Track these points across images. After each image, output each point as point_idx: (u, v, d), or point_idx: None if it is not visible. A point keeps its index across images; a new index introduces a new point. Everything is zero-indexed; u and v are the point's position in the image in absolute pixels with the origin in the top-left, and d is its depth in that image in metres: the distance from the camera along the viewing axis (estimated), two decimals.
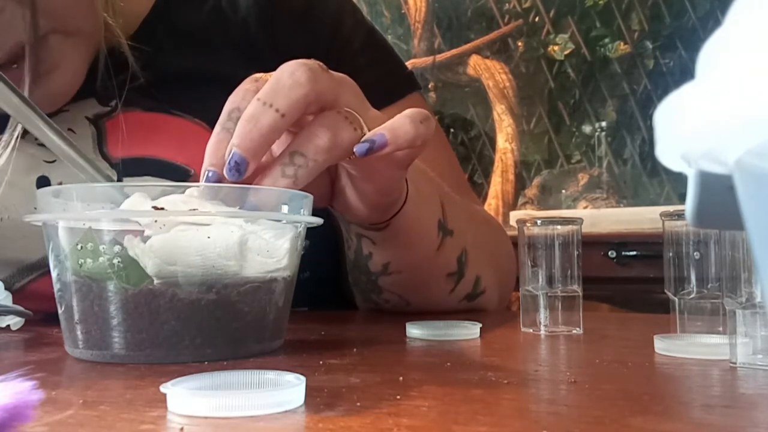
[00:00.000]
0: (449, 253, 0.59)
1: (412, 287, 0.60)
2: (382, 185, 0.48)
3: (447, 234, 0.58)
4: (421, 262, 0.58)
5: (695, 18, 2.09)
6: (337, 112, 0.43)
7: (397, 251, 0.56)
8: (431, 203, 0.57)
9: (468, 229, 0.63)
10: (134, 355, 0.38)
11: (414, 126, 0.43)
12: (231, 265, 0.39)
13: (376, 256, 0.57)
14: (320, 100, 0.42)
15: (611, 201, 2.14)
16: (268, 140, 0.40)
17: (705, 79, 0.15)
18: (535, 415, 0.27)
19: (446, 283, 0.61)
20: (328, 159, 0.42)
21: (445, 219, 0.58)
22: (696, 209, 0.17)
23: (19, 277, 0.62)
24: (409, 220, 0.53)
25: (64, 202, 0.40)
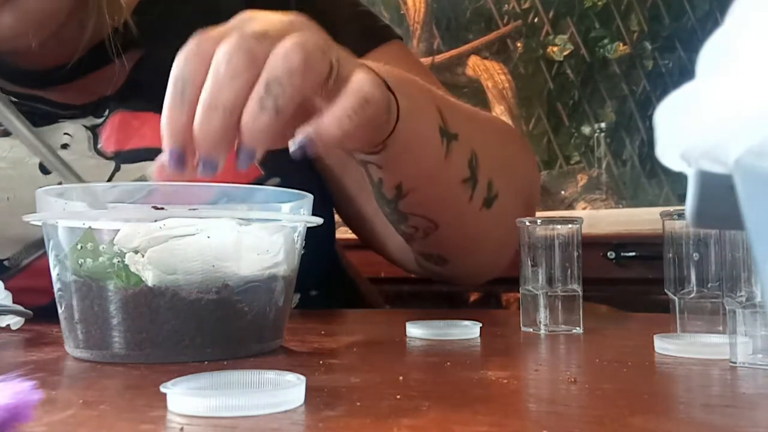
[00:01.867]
0: (458, 159, 0.58)
1: (431, 203, 0.59)
2: (362, 143, 0.48)
3: (451, 139, 0.56)
4: (431, 174, 0.56)
5: (694, 19, 2.10)
6: (301, 34, 0.41)
7: (404, 169, 0.55)
8: (427, 112, 0.55)
9: (473, 130, 0.61)
10: (134, 355, 0.38)
11: (339, 127, 0.41)
12: (228, 266, 0.39)
13: (386, 180, 0.56)
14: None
15: (610, 202, 2.14)
16: (226, 136, 0.39)
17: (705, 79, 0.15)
18: (535, 415, 0.27)
19: (463, 191, 0.59)
20: (304, 81, 0.40)
21: (446, 124, 0.56)
22: (696, 209, 0.17)
23: (26, 254, 0.63)
24: (406, 135, 0.51)
25: (64, 202, 0.40)
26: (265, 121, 0.39)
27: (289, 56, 0.39)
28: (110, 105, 0.65)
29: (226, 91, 0.39)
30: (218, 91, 0.39)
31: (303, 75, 0.39)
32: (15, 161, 0.63)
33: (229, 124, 0.39)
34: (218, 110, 0.39)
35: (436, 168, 0.56)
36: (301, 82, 0.39)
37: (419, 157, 0.55)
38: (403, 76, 0.54)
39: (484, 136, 0.63)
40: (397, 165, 0.54)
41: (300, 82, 0.39)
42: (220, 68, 0.39)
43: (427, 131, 0.55)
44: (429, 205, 0.59)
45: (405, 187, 0.56)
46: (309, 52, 0.40)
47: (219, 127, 0.39)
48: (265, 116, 0.39)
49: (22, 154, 0.63)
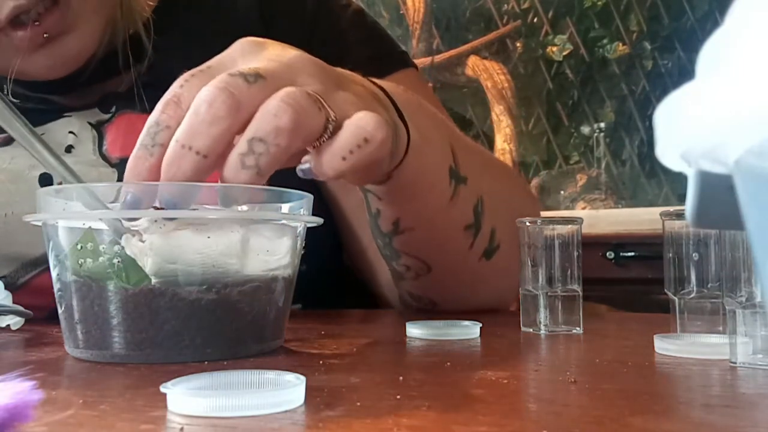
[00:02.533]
0: (464, 204, 0.55)
1: (428, 246, 0.56)
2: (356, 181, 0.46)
3: (460, 182, 0.54)
4: (433, 216, 0.54)
5: (694, 19, 2.10)
6: (297, 88, 0.38)
7: (405, 205, 0.52)
8: (440, 149, 0.53)
9: (483, 176, 0.58)
10: (134, 355, 0.38)
11: (331, 167, 0.39)
12: (233, 263, 0.39)
13: (384, 213, 0.53)
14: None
15: (609, 202, 2.14)
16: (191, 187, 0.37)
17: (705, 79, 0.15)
18: (535, 415, 0.27)
19: (465, 238, 0.57)
20: (292, 143, 0.37)
21: (457, 165, 0.53)
22: (696, 209, 0.17)
23: (23, 272, 0.62)
24: (413, 171, 0.49)
25: (64, 202, 0.40)
26: (245, 179, 0.37)
27: (279, 114, 0.37)
28: (118, 102, 0.65)
29: (202, 135, 0.36)
30: (194, 134, 0.36)
31: (291, 135, 0.37)
32: (15, 174, 0.62)
33: (201, 168, 0.37)
34: (191, 152, 0.36)
35: (439, 210, 0.54)
36: (287, 143, 0.37)
37: (423, 196, 0.52)
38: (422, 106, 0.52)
39: (493, 182, 0.60)
40: (398, 200, 0.52)
41: (287, 142, 0.37)
42: (200, 110, 0.37)
43: (436, 170, 0.52)
44: (425, 247, 0.57)
45: (402, 225, 0.54)
46: (302, 108, 0.37)
47: (189, 171, 0.36)
48: (245, 175, 0.37)
49: (22, 166, 0.62)
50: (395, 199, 0.52)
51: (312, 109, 0.38)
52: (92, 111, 0.65)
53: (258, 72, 0.38)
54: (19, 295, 0.56)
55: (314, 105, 0.38)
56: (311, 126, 0.38)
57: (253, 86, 0.37)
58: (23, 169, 0.62)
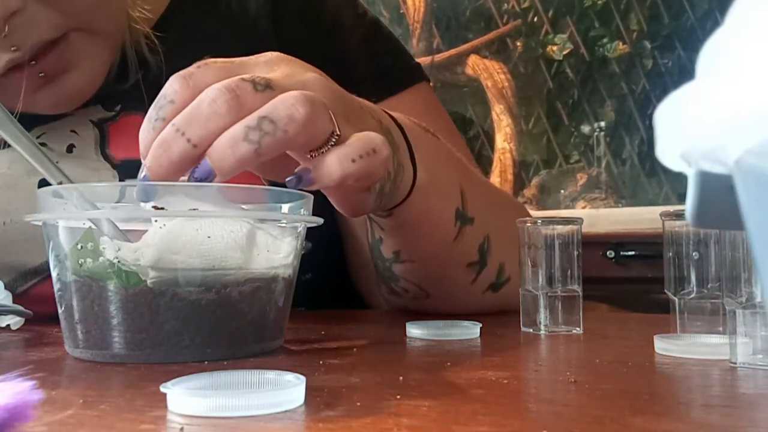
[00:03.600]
0: (469, 243, 0.56)
1: (428, 278, 0.57)
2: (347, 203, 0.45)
3: (466, 223, 0.54)
4: (435, 253, 0.54)
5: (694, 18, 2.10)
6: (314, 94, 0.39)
7: (407, 240, 0.53)
8: (448, 191, 0.53)
9: (491, 214, 0.59)
10: (134, 355, 0.38)
11: (341, 166, 0.39)
12: (237, 257, 0.39)
13: (386, 241, 0.54)
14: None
15: (610, 201, 2.14)
16: (179, 168, 0.37)
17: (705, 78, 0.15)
18: (535, 415, 0.27)
19: (467, 274, 0.57)
20: (299, 135, 0.37)
21: (465, 207, 0.54)
22: (696, 209, 0.17)
23: (22, 281, 0.62)
24: (417, 210, 0.50)
25: (64, 202, 0.40)
26: (241, 152, 0.37)
27: (297, 105, 0.37)
28: (123, 101, 0.64)
29: (198, 125, 0.37)
30: (190, 122, 0.37)
31: (301, 128, 0.37)
32: (13, 179, 0.62)
33: (187, 156, 0.37)
34: (182, 139, 0.37)
35: (441, 248, 0.54)
36: (295, 133, 0.37)
37: (425, 235, 0.53)
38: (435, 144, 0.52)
39: (501, 218, 0.60)
40: (400, 234, 0.53)
41: (295, 132, 0.37)
42: (202, 103, 0.37)
43: (441, 212, 0.53)
44: (425, 278, 0.57)
45: (403, 256, 0.54)
46: (317, 109, 0.38)
47: (176, 155, 0.37)
48: (243, 147, 0.36)
49: (20, 172, 0.61)
50: (397, 233, 0.53)
51: (325, 115, 0.39)
52: (95, 107, 0.64)
53: (269, 82, 0.39)
54: (18, 303, 0.56)
55: (327, 113, 0.39)
56: (320, 128, 0.39)
57: (260, 94, 0.38)
58: (21, 175, 0.61)
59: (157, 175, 0.37)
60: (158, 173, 0.37)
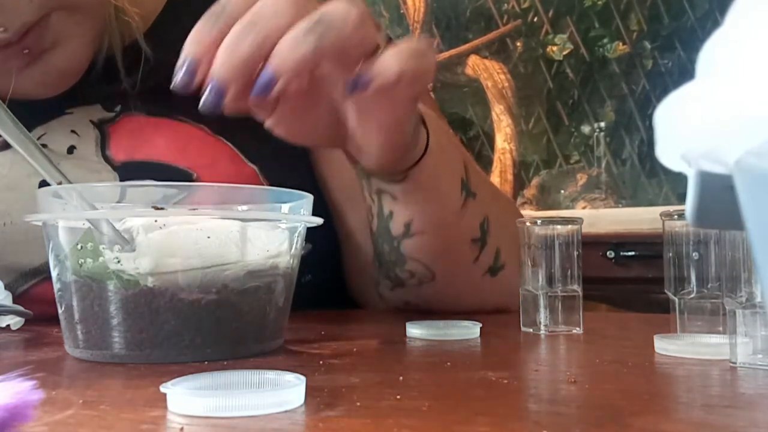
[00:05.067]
0: (472, 217, 0.57)
1: (435, 253, 0.58)
2: (389, 122, 0.47)
3: (470, 195, 0.56)
4: (443, 222, 0.56)
5: (694, 18, 2.10)
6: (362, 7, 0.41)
7: (419, 207, 0.54)
8: (453, 160, 0.55)
9: (489, 198, 0.61)
10: (134, 355, 0.38)
11: (398, 60, 0.40)
12: (233, 251, 0.39)
13: (397, 215, 0.55)
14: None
15: (610, 201, 2.14)
16: (245, 68, 0.38)
17: (705, 79, 0.15)
18: (535, 415, 0.27)
19: (470, 250, 0.59)
20: (353, 36, 0.39)
21: (468, 179, 0.56)
22: (696, 209, 0.17)
23: (22, 282, 0.62)
24: (430, 173, 0.52)
25: (64, 202, 0.40)
26: (301, 51, 0.38)
27: (349, 11, 0.39)
28: (123, 102, 0.64)
29: (262, 26, 0.38)
30: (255, 22, 0.38)
31: (355, 28, 0.39)
32: (13, 181, 0.61)
33: (255, 57, 0.38)
34: (252, 34, 0.38)
35: (449, 217, 0.56)
36: (350, 34, 0.39)
37: (436, 200, 0.54)
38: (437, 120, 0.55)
39: (499, 207, 0.63)
40: (412, 201, 0.54)
41: (349, 33, 0.39)
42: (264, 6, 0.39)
43: (449, 177, 0.55)
44: (432, 253, 0.58)
45: (414, 227, 0.56)
46: (366, 20, 0.40)
47: (246, 53, 0.38)
48: (303, 47, 0.38)
49: (21, 173, 0.61)
50: (410, 199, 0.54)
51: (372, 23, 0.41)
52: (95, 107, 0.64)
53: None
54: (17, 304, 0.56)
55: (374, 26, 0.41)
56: (370, 33, 0.40)
57: (312, 2, 0.40)
58: (21, 177, 0.61)
59: (224, 77, 0.38)
60: (226, 75, 0.38)
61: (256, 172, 0.62)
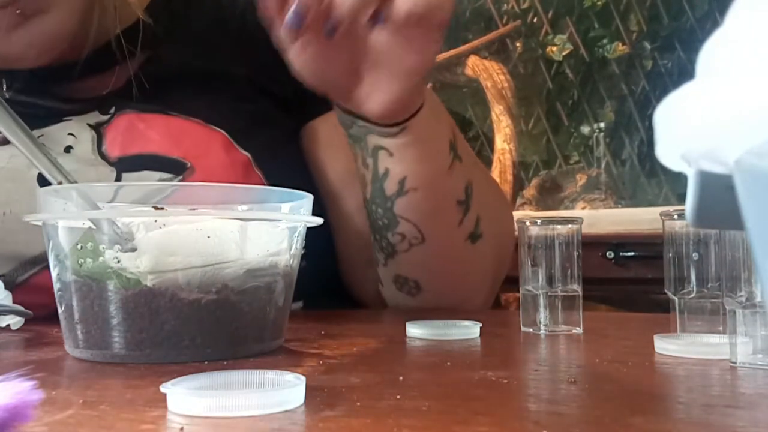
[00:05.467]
0: (458, 179, 0.61)
1: (425, 211, 0.60)
2: (405, 65, 0.51)
3: (457, 157, 0.60)
4: (434, 180, 0.59)
5: (694, 19, 2.10)
6: None
7: (413, 163, 0.58)
8: (443, 121, 0.60)
9: (474, 167, 0.64)
10: (134, 355, 0.38)
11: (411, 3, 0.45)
12: (233, 249, 0.39)
13: (392, 172, 0.58)
14: None
15: (609, 202, 2.14)
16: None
17: (705, 79, 0.15)
18: (535, 415, 0.27)
19: (456, 212, 0.61)
20: None
21: (456, 143, 0.60)
22: (696, 209, 0.17)
23: (22, 270, 0.63)
24: (424, 128, 0.56)
25: (64, 202, 0.40)
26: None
27: None
28: (117, 102, 0.65)
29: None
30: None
31: None
32: (13, 173, 0.62)
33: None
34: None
35: (439, 175, 0.59)
36: None
37: (428, 156, 0.58)
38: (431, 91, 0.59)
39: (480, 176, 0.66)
40: (407, 156, 0.57)
41: None
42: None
43: (440, 136, 0.59)
44: (423, 213, 0.60)
45: (408, 184, 0.58)
46: None
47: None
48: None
49: (20, 165, 0.62)
50: (405, 155, 0.57)
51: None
52: (92, 114, 0.65)
53: None
54: (18, 293, 0.56)
55: None
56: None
57: None
58: (22, 168, 0.62)
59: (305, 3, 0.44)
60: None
61: (249, 160, 0.63)
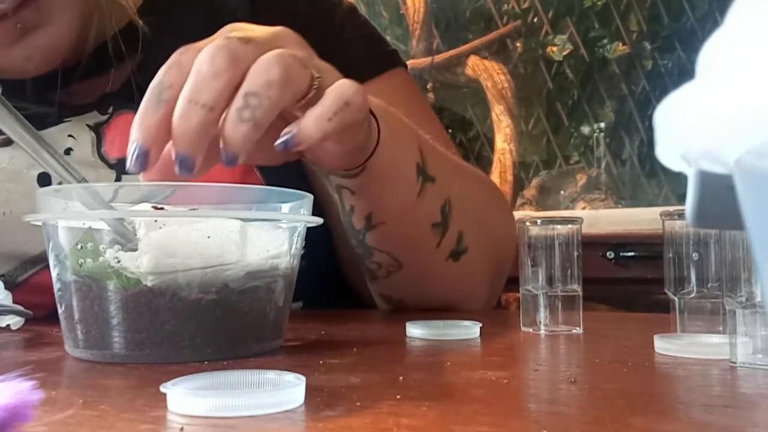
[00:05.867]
0: (431, 202, 0.58)
1: (398, 241, 0.59)
2: (338, 143, 0.48)
3: (427, 180, 0.57)
4: (401, 210, 0.57)
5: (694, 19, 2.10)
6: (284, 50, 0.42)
7: (376, 199, 0.55)
8: (407, 146, 0.56)
9: (452, 180, 0.61)
10: (134, 355, 0.38)
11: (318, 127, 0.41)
12: (233, 251, 0.39)
13: (357, 209, 0.56)
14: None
15: (609, 202, 2.14)
16: (205, 135, 0.40)
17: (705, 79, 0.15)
18: (535, 415, 0.27)
19: (432, 236, 0.59)
20: (282, 95, 0.40)
21: (425, 164, 0.57)
22: (696, 209, 0.17)
23: (22, 270, 0.63)
24: (384, 162, 0.52)
25: (64, 202, 0.40)
26: (244, 131, 0.39)
27: (269, 69, 0.40)
28: (115, 102, 0.65)
29: (207, 89, 0.39)
30: (199, 89, 0.39)
31: (281, 87, 0.40)
32: (13, 173, 0.63)
33: (209, 121, 0.39)
34: (197, 107, 0.39)
35: (407, 205, 0.57)
36: (278, 95, 0.40)
37: (393, 189, 0.55)
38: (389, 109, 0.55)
39: (464, 188, 0.63)
40: (370, 193, 0.55)
41: (278, 94, 0.40)
42: (202, 67, 0.40)
43: (404, 165, 0.56)
44: (395, 243, 0.59)
45: (374, 219, 0.57)
46: (289, 65, 0.41)
47: (197, 124, 0.39)
48: (243, 127, 0.39)
49: (20, 166, 0.62)
50: (367, 192, 0.55)
51: (298, 66, 0.41)
52: (91, 114, 0.65)
53: (249, 37, 0.42)
54: (18, 293, 0.57)
55: (300, 63, 0.42)
56: (298, 81, 0.41)
57: (247, 46, 0.41)
58: (22, 169, 0.62)
59: (188, 148, 0.39)
60: (189, 146, 0.39)
61: None
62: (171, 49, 0.42)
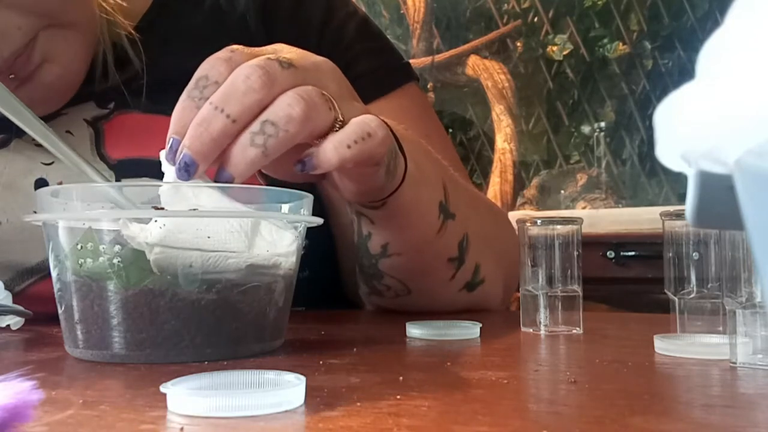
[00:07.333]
0: (450, 237, 0.58)
1: (412, 272, 0.59)
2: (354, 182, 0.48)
3: (449, 217, 0.57)
4: (420, 245, 0.56)
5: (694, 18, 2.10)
6: (314, 87, 0.42)
7: (396, 232, 0.55)
8: (433, 184, 0.56)
9: (471, 214, 0.61)
10: (134, 355, 0.38)
11: (336, 152, 0.41)
12: (241, 240, 0.39)
13: (374, 237, 0.56)
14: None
15: (610, 201, 2.14)
16: (218, 144, 0.40)
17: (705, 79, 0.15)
18: (535, 415, 0.27)
19: (447, 269, 0.59)
20: (299, 132, 0.40)
21: (447, 201, 0.57)
22: (696, 209, 0.17)
23: (20, 280, 0.62)
24: (407, 200, 0.52)
25: (64, 202, 0.40)
26: (250, 156, 0.40)
27: (293, 104, 0.40)
28: (116, 98, 0.64)
29: (236, 102, 0.40)
30: (228, 99, 0.40)
31: (300, 124, 0.40)
32: (10, 180, 0.62)
33: (229, 132, 0.40)
34: (222, 115, 0.39)
35: (426, 241, 0.57)
36: (296, 132, 0.40)
37: (413, 226, 0.55)
38: (418, 143, 0.55)
39: (480, 221, 0.63)
40: (389, 226, 0.55)
41: (295, 131, 0.40)
42: (237, 80, 0.40)
43: (428, 203, 0.55)
44: (409, 273, 0.59)
45: (391, 249, 0.57)
46: (315, 105, 0.41)
47: (216, 132, 0.39)
48: (251, 152, 0.40)
49: (16, 173, 0.61)
50: (387, 225, 0.55)
51: (323, 107, 0.42)
52: (88, 104, 0.64)
53: (291, 61, 0.42)
54: (16, 303, 0.56)
55: (326, 104, 0.42)
56: (320, 121, 0.41)
57: (286, 71, 0.41)
58: (18, 176, 0.61)
59: (198, 153, 0.39)
60: (200, 150, 0.39)
61: None
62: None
